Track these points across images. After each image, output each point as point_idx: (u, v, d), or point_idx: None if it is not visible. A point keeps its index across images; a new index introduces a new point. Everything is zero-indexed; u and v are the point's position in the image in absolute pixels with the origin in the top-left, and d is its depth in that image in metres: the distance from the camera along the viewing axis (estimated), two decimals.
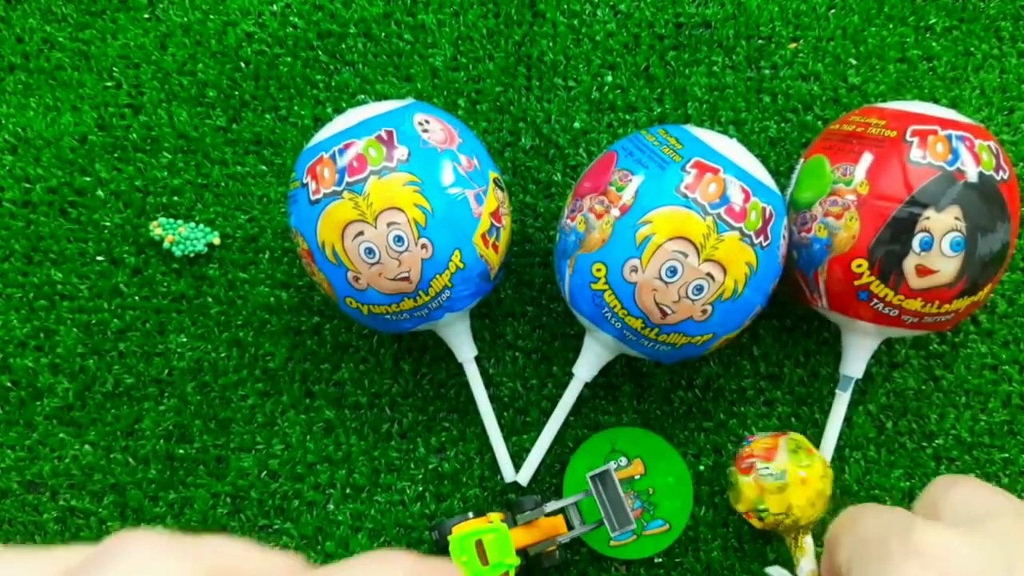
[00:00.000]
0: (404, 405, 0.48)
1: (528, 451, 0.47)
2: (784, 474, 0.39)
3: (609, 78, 0.51)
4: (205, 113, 0.51)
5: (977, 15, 0.51)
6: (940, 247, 0.38)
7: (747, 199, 0.38)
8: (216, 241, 0.49)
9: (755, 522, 0.40)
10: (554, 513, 0.43)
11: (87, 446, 0.48)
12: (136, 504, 0.47)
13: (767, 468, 0.39)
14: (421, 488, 0.48)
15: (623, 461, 0.46)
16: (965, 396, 0.48)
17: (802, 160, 0.44)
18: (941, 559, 0.19)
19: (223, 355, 0.49)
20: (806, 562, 0.39)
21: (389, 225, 0.39)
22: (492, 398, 0.48)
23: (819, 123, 0.50)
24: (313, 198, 0.40)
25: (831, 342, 0.48)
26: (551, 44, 0.51)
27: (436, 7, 0.52)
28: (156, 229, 0.49)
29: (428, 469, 0.48)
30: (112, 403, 0.48)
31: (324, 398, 0.48)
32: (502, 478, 0.47)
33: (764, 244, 0.39)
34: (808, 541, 0.40)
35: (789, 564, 0.44)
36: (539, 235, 0.50)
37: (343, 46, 0.52)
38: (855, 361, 0.44)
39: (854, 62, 0.51)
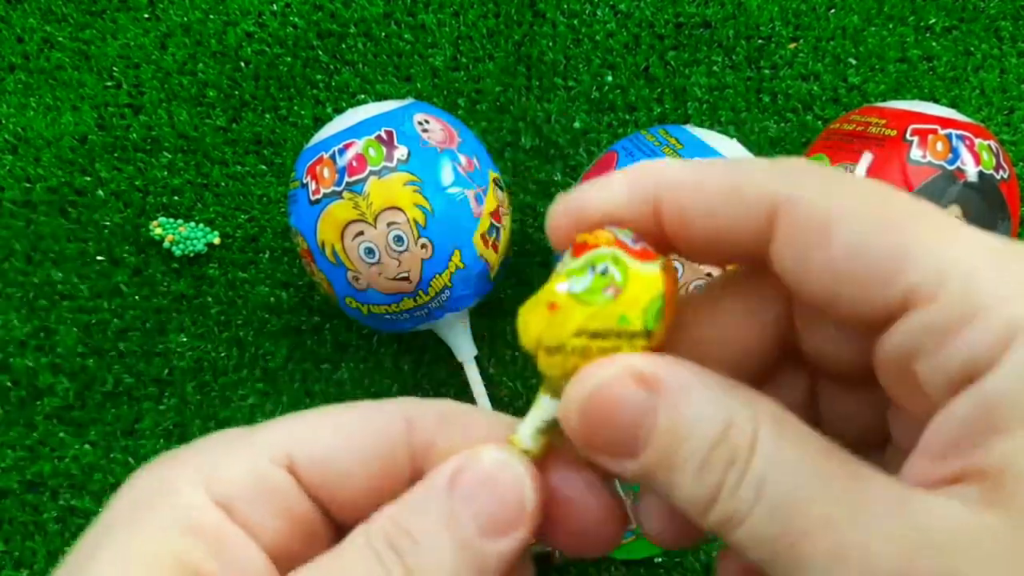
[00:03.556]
0: None
1: None
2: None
3: (609, 78, 0.51)
4: (205, 113, 0.51)
5: (977, 15, 0.51)
6: None
7: None
8: (216, 241, 0.49)
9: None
10: None
11: (87, 446, 0.48)
12: None
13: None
14: None
15: None
16: None
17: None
18: None
19: (223, 354, 0.49)
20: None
21: (389, 225, 0.39)
22: (492, 398, 0.48)
23: (819, 123, 0.50)
24: (313, 198, 0.40)
25: None
26: (551, 44, 0.51)
27: (436, 7, 0.52)
28: (156, 229, 0.49)
29: None
30: (112, 403, 0.48)
31: (324, 398, 0.48)
32: None
33: None
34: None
35: None
36: (539, 235, 0.50)
37: (343, 46, 0.52)
38: None
39: (854, 62, 0.51)
